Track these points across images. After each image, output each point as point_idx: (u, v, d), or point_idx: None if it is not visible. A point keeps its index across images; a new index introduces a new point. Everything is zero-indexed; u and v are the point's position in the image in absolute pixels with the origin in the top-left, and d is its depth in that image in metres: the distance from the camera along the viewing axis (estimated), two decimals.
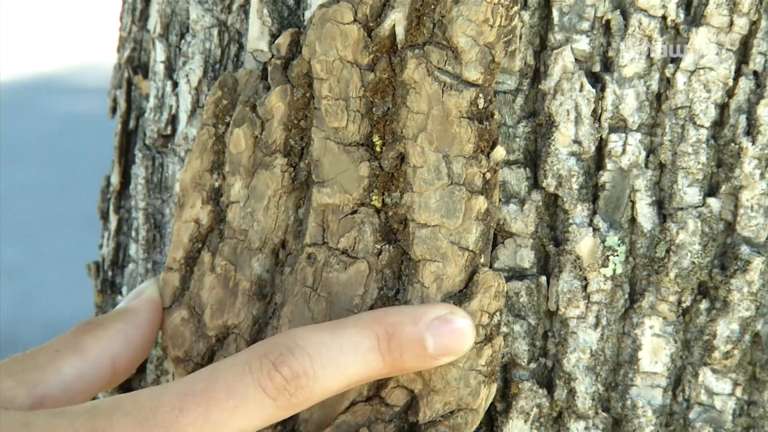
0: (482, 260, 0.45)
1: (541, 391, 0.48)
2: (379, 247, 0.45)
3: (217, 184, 0.48)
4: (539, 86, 0.47)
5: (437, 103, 0.44)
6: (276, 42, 0.47)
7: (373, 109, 0.45)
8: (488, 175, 0.45)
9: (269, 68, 0.47)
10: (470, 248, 0.45)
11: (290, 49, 0.46)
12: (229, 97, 0.47)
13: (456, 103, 0.44)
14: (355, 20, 0.44)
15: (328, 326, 0.43)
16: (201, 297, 0.48)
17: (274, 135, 0.46)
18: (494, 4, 0.43)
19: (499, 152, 0.45)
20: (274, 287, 0.47)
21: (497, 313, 0.45)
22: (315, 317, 0.45)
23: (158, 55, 0.54)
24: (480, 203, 0.45)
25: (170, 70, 0.53)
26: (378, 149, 0.45)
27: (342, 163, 0.45)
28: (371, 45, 0.44)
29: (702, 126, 0.46)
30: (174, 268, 0.48)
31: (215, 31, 0.51)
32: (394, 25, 0.44)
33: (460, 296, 0.45)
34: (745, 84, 0.46)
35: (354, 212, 0.45)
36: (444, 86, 0.44)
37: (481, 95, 0.44)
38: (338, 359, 0.41)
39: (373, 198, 0.45)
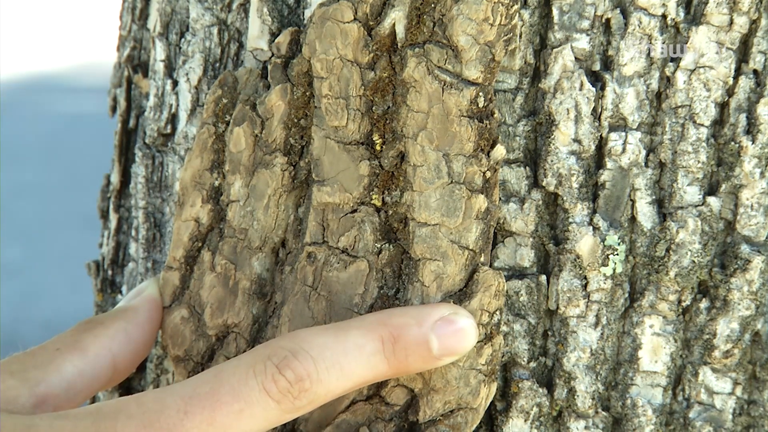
0: (482, 259, 0.45)
1: (541, 390, 0.48)
2: (379, 246, 0.45)
3: (217, 183, 0.48)
4: (539, 85, 0.47)
5: (437, 102, 0.44)
6: (276, 41, 0.47)
7: (373, 108, 0.45)
8: (488, 174, 0.45)
9: (269, 67, 0.47)
10: (470, 247, 0.45)
11: (290, 48, 0.46)
12: (229, 95, 0.47)
13: (456, 101, 0.44)
14: (355, 19, 0.44)
15: (332, 328, 0.42)
16: (201, 296, 0.48)
17: (274, 134, 0.46)
18: (494, 2, 0.43)
19: (500, 151, 0.45)
20: (274, 286, 0.47)
21: (497, 312, 0.45)
22: (315, 316, 0.45)
23: (158, 53, 0.54)
24: (480, 202, 0.45)
25: (170, 69, 0.53)
26: (378, 148, 0.45)
27: (342, 162, 0.45)
28: (371, 44, 0.44)
29: (702, 125, 0.46)
30: (174, 267, 0.48)
31: (215, 30, 0.51)
32: (394, 24, 0.44)
33: (460, 295, 0.45)
34: (745, 83, 0.46)
35: (354, 211, 0.45)
36: (444, 85, 0.44)
37: (481, 94, 0.44)
38: (342, 362, 0.41)
39: (373, 197, 0.45)
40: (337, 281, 0.45)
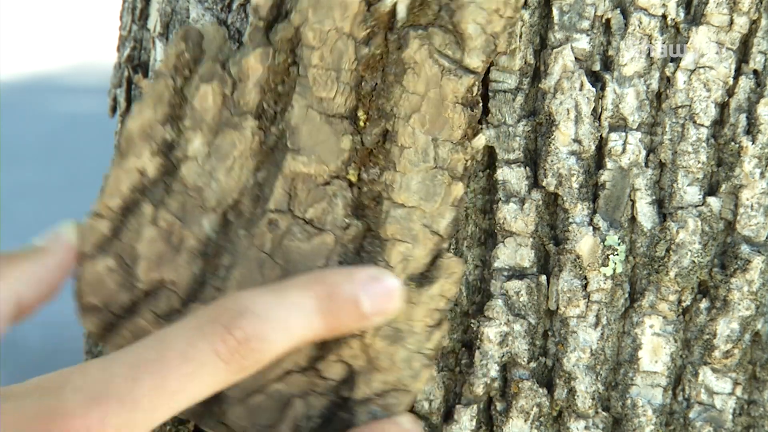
0: (445, 245, 0.45)
1: (541, 390, 0.48)
2: (348, 221, 0.45)
3: (169, 138, 0.46)
4: (539, 85, 0.47)
5: (435, 86, 0.44)
6: (254, 3, 0.45)
7: (362, 84, 0.45)
8: (469, 163, 0.45)
9: (249, 29, 0.45)
10: (440, 233, 0.45)
11: (271, 12, 0.46)
12: (192, 51, 0.46)
13: (453, 88, 0.44)
14: None
15: (271, 289, 0.42)
16: (136, 249, 0.46)
17: (247, 96, 0.45)
18: None
19: (481, 140, 0.45)
20: (221, 248, 0.46)
21: (452, 298, 0.45)
22: (266, 283, 0.45)
23: (158, 54, 0.54)
24: (458, 189, 0.45)
25: None
26: (362, 124, 0.45)
27: (322, 134, 0.45)
28: (369, 19, 0.44)
29: (702, 125, 0.46)
30: (105, 216, 0.46)
31: None
32: (396, 3, 0.44)
33: (422, 279, 0.45)
34: (745, 83, 0.46)
35: (327, 183, 0.45)
36: (443, 70, 0.44)
37: (476, 83, 0.44)
38: (286, 321, 0.41)
39: (350, 172, 0.45)
40: (298, 252, 0.45)
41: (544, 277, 0.48)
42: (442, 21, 0.44)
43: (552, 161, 0.47)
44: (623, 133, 0.47)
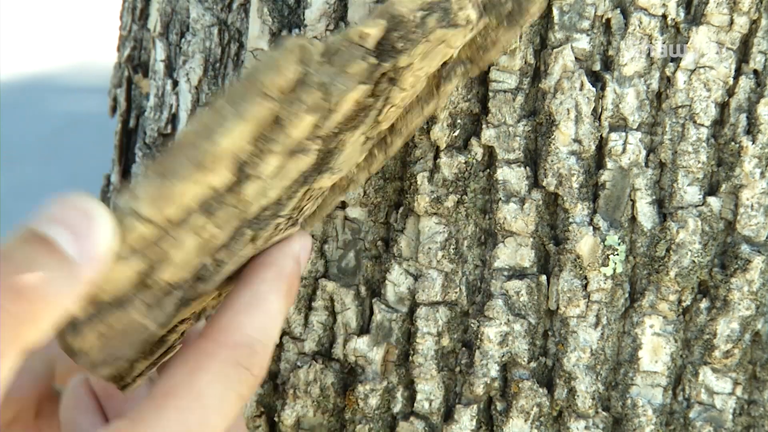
0: None
1: (541, 390, 0.48)
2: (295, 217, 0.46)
3: (246, 154, 0.43)
4: (539, 85, 0.47)
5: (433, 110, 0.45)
6: (363, 30, 0.42)
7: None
8: None
9: (364, 65, 0.42)
10: None
11: (377, 45, 0.43)
12: (300, 74, 0.42)
13: (429, 110, 0.45)
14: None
15: (253, 302, 0.43)
16: (170, 256, 0.42)
17: (330, 125, 0.43)
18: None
19: None
20: (223, 244, 0.44)
21: None
22: (234, 275, 0.45)
23: (158, 53, 0.54)
24: None
25: (170, 69, 0.53)
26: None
27: (352, 153, 0.44)
28: None
29: (702, 125, 0.46)
30: (156, 224, 0.41)
31: (215, 30, 0.51)
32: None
33: None
34: (746, 83, 0.46)
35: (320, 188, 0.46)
36: None
37: None
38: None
39: None
40: (273, 244, 0.45)
41: (544, 277, 0.48)
42: (476, 57, 0.44)
43: (552, 161, 0.47)
44: (623, 133, 0.47)
